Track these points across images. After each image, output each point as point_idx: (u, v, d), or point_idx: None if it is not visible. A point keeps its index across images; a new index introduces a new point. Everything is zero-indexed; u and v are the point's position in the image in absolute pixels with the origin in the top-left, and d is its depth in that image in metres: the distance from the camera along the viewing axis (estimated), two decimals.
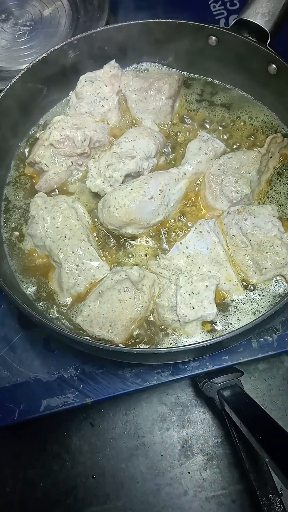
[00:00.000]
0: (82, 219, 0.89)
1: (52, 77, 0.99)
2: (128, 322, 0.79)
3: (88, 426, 1.03)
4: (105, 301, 0.79)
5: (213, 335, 0.81)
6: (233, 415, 0.84)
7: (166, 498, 0.97)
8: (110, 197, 0.86)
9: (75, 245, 0.85)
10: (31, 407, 0.90)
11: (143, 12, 1.29)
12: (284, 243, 0.83)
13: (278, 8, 0.90)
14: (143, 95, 0.98)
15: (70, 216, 0.87)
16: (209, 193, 0.90)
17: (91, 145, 0.93)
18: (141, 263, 0.88)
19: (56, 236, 0.85)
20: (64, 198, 0.90)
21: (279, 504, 0.83)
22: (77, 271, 0.84)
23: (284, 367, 1.05)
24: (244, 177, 0.89)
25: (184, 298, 0.79)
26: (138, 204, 0.85)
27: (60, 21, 1.22)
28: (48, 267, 0.89)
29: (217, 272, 0.83)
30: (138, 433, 1.02)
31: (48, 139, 0.91)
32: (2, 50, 1.19)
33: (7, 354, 0.94)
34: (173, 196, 0.89)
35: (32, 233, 0.87)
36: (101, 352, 0.76)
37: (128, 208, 0.84)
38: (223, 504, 0.96)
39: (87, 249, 0.85)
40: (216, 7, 1.30)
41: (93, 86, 0.97)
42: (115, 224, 0.86)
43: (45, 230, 0.86)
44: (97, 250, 0.87)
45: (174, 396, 1.05)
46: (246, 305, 0.83)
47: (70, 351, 0.93)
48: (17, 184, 0.98)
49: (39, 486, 1.00)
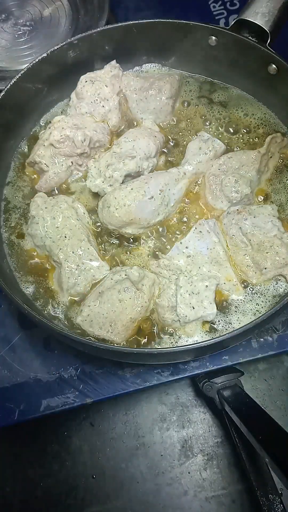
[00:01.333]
0: (82, 219, 0.89)
1: (52, 77, 0.99)
2: (128, 322, 0.79)
3: (88, 426, 1.03)
4: (105, 301, 0.79)
5: (213, 335, 0.81)
6: (233, 415, 0.84)
7: (166, 498, 0.97)
8: (110, 197, 0.86)
9: (75, 245, 0.85)
10: (31, 407, 0.90)
11: (143, 12, 1.30)
12: (284, 243, 0.83)
13: (278, 8, 0.90)
14: (143, 95, 0.98)
15: (70, 216, 0.87)
16: (209, 193, 0.90)
17: (91, 145, 0.93)
18: (141, 263, 0.88)
19: (56, 236, 0.85)
20: (64, 198, 0.90)
21: (279, 504, 0.83)
22: (77, 271, 0.84)
23: (284, 367, 1.05)
24: (244, 177, 0.89)
25: (184, 298, 0.79)
26: (138, 204, 0.85)
27: (60, 21, 1.22)
28: (48, 267, 0.89)
29: (217, 272, 0.83)
30: (138, 433, 1.02)
31: (48, 139, 0.91)
32: (2, 50, 1.19)
33: (7, 354, 0.94)
34: (173, 196, 0.89)
35: (32, 233, 0.87)
36: (101, 352, 0.76)
37: (128, 208, 0.84)
38: (223, 504, 0.96)
39: (87, 249, 0.85)
40: (216, 7, 1.30)
41: (93, 87, 0.97)
42: (115, 224, 0.86)
43: (45, 230, 0.86)
44: (97, 250, 0.87)
45: (174, 396, 1.05)
46: (246, 305, 0.83)
47: (70, 351, 0.93)
48: (17, 184, 0.98)
49: (39, 486, 1.00)
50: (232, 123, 1.00)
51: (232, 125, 1.00)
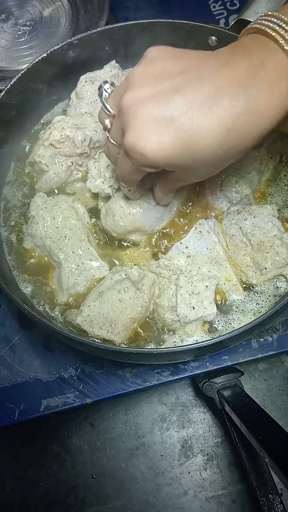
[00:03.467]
0: (82, 219, 0.89)
1: (52, 77, 0.99)
2: (128, 322, 0.79)
3: (88, 426, 1.03)
4: (105, 301, 0.79)
5: (213, 335, 0.81)
6: (233, 415, 0.84)
7: (166, 498, 0.97)
8: (116, 205, 0.85)
9: (75, 245, 0.85)
10: (31, 407, 0.90)
11: (143, 12, 1.30)
12: (284, 243, 0.83)
13: (278, 8, 0.89)
14: None
15: (70, 216, 0.87)
16: (209, 193, 0.90)
17: (91, 145, 0.93)
18: (141, 263, 0.88)
19: (56, 236, 0.85)
20: (64, 198, 0.89)
21: (279, 504, 0.83)
22: (77, 271, 0.84)
23: (284, 367, 1.05)
24: (244, 177, 0.89)
25: (184, 298, 0.79)
26: (143, 212, 0.84)
27: (60, 21, 1.22)
28: (48, 266, 0.89)
29: (217, 272, 0.83)
30: (138, 433, 1.02)
31: (48, 139, 0.91)
32: (2, 50, 1.19)
33: (7, 354, 0.94)
34: (176, 201, 0.89)
35: (32, 232, 0.87)
36: (101, 352, 0.76)
37: (133, 217, 0.84)
38: (223, 504, 0.96)
39: (87, 249, 0.85)
40: (216, 7, 1.30)
41: (93, 87, 0.97)
42: (120, 232, 0.86)
43: (45, 230, 0.86)
44: (97, 250, 0.87)
45: (174, 396, 1.05)
46: (246, 305, 0.83)
47: (70, 351, 0.93)
48: (16, 183, 0.98)
49: (39, 486, 1.00)
50: None
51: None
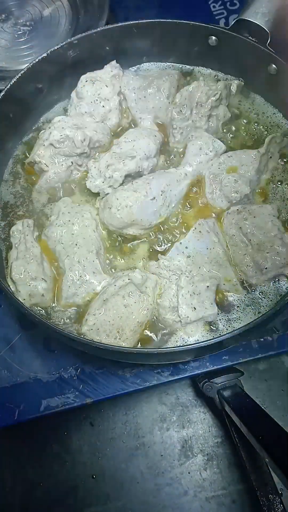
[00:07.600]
0: (99, 232, 0.89)
1: (52, 77, 0.99)
2: (136, 326, 0.79)
3: (88, 426, 1.03)
4: (110, 308, 0.79)
5: (214, 335, 0.81)
6: (233, 415, 0.84)
7: (166, 498, 0.97)
8: (112, 197, 0.85)
9: (82, 255, 0.84)
10: (31, 407, 0.90)
11: (143, 12, 1.30)
12: (284, 243, 0.83)
13: (278, 8, 0.90)
14: (142, 94, 0.98)
15: (89, 225, 0.87)
16: (209, 192, 0.90)
17: (91, 145, 0.93)
18: (141, 265, 0.88)
19: (68, 242, 0.85)
20: (89, 209, 0.90)
21: (279, 504, 0.83)
22: (79, 282, 0.83)
23: (284, 367, 1.05)
24: (243, 176, 0.89)
25: (185, 299, 0.79)
26: (140, 205, 0.85)
27: (60, 21, 1.22)
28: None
29: (217, 272, 0.83)
30: (138, 433, 1.02)
31: (48, 139, 0.91)
32: (2, 50, 1.19)
33: (7, 354, 0.94)
34: (174, 197, 0.89)
35: (49, 235, 0.87)
36: (101, 352, 0.76)
37: (130, 209, 0.84)
38: (223, 504, 0.96)
39: (92, 261, 0.84)
40: (216, 7, 1.30)
41: (94, 87, 0.97)
42: (117, 225, 0.86)
43: (60, 234, 0.86)
44: (104, 264, 0.87)
45: (174, 396, 1.05)
46: (246, 305, 0.83)
47: (70, 351, 0.93)
48: (16, 183, 0.98)
49: (39, 486, 0.99)
50: (232, 122, 1.00)
51: (232, 124, 1.00)
